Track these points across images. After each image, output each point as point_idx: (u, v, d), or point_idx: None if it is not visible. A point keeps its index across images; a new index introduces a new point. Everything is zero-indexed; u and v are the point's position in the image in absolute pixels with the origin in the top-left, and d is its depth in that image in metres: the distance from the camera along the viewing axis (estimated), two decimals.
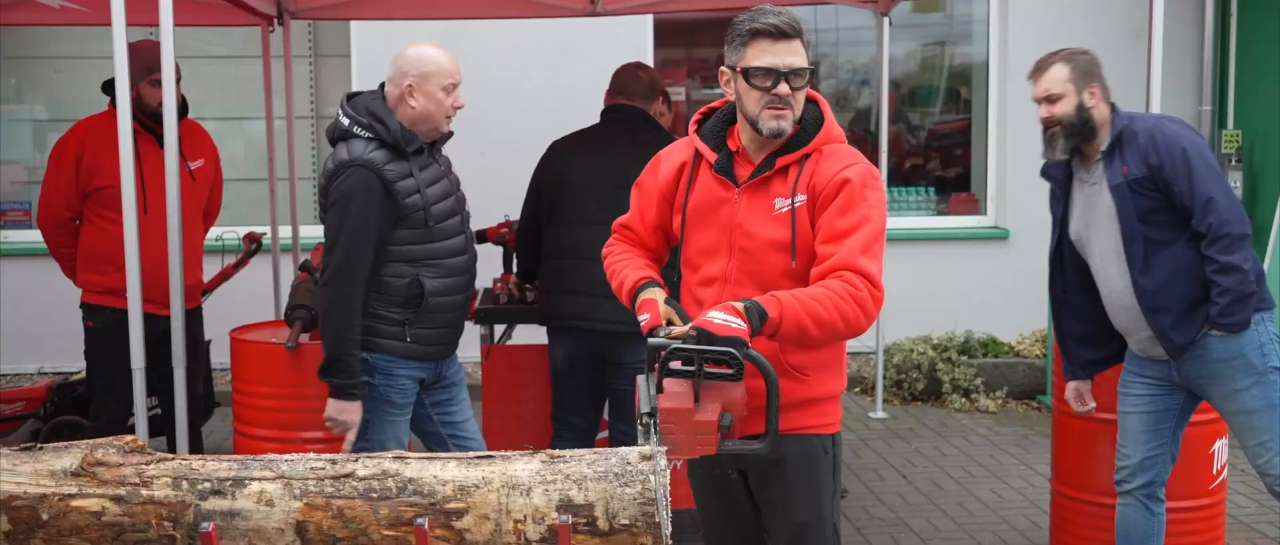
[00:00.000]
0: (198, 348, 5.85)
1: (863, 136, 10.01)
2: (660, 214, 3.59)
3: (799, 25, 3.30)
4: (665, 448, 2.82)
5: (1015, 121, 9.57)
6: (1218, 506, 5.08)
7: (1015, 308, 9.11)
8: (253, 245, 6.45)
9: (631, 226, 3.66)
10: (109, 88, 5.33)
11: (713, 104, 3.60)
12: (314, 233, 8.63)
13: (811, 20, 10.02)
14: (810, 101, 3.44)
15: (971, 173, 10.07)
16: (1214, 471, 5.02)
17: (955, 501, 6.32)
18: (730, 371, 2.93)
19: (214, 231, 6.96)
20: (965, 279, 9.56)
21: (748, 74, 3.30)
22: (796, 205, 3.33)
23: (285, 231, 7.28)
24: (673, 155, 3.59)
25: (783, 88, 3.27)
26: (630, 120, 5.26)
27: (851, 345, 8.97)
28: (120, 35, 4.18)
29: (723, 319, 3.00)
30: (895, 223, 9.61)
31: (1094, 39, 9.33)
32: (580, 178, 5.06)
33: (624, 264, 3.58)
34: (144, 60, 5.15)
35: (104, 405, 5.50)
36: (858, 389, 8.77)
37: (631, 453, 2.73)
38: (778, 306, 3.09)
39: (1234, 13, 9.60)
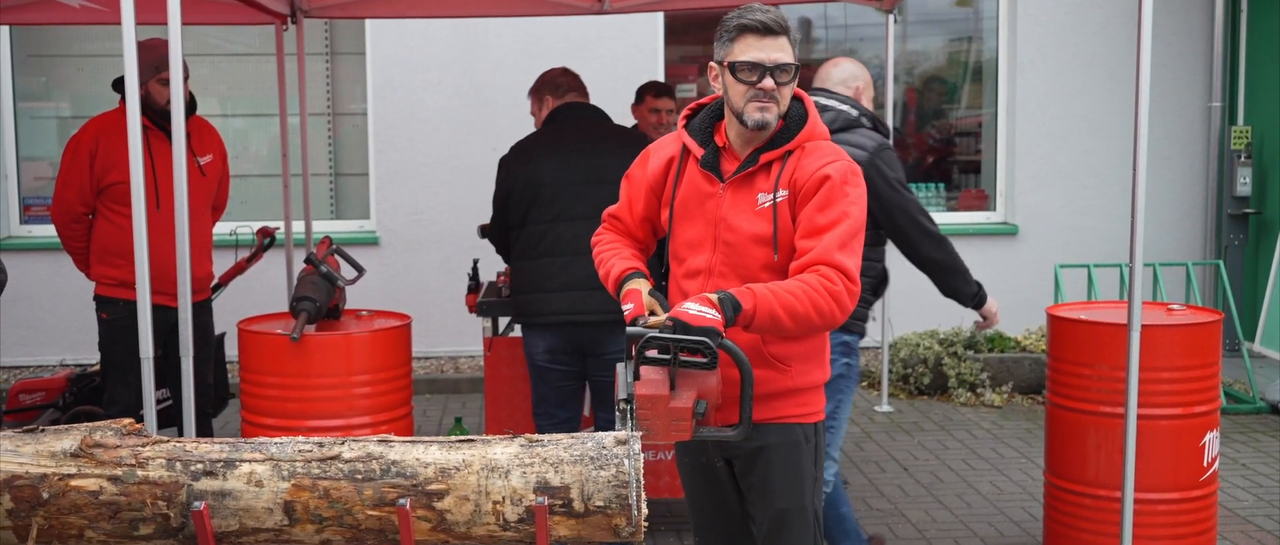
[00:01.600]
0: (207, 339, 5.98)
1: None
2: (648, 206, 3.69)
3: (786, 23, 3.39)
4: (641, 433, 2.93)
5: (1025, 118, 9.64)
6: (1209, 498, 5.14)
7: (1022, 303, 9.17)
8: (266, 240, 6.58)
9: (620, 217, 3.77)
10: (120, 85, 5.46)
11: (702, 99, 3.70)
12: (323, 227, 8.79)
13: (825, 17, 10.10)
14: (795, 99, 3.54)
15: (982, 168, 10.14)
16: (1204, 463, 5.09)
17: (954, 493, 6.39)
18: (704, 360, 3.05)
19: (228, 226, 7.11)
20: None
21: (734, 68, 3.40)
22: (778, 200, 3.43)
23: (298, 226, 7.40)
24: (662, 149, 3.68)
25: (767, 82, 3.36)
26: (592, 116, 5.36)
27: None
28: (130, 33, 4.29)
29: (697, 310, 3.11)
30: None
31: (1103, 35, 9.44)
32: (555, 177, 5.12)
33: (611, 253, 3.68)
34: (153, 58, 5.27)
35: (117, 395, 5.63)
36: (865, 383, 8.85)
37: (607, 437, 2.84)
38: (752, 298, 3.20)
39: (1244, 9, 9.64)
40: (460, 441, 2.86)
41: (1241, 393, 8.24)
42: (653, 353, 3.06)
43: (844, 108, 4.82)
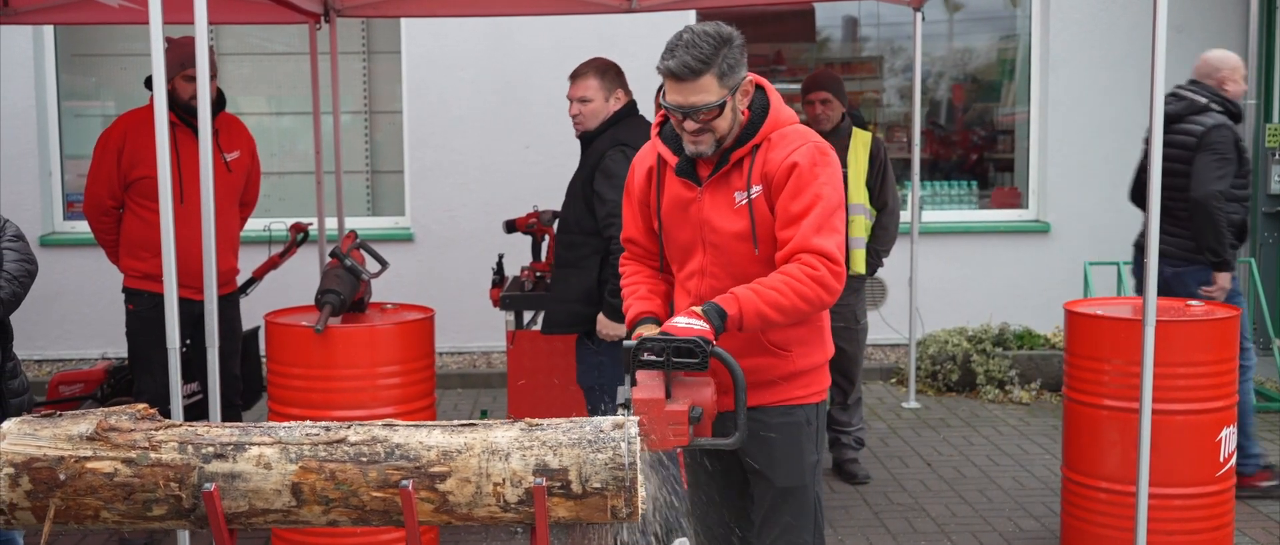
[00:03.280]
0: (235, 332, 6.09)
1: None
2: (645, 219, 3.79)
3: (704, 62, 3.37)
4: (635, 418, 2.99)
5: (1057, 116, 9.63)
6: (1225, 493, 5.16)
7: (1054, 301, 9.12)
8: (299, 235, 6.70)
9: (633, 238, 3.85)
10: (151, 83, 5.59)
11: None
12: (360, 224, 8.90)
13: (871, 15, 10.15)
14: (758, 89, 3.59)
15: (1015, 166, 10.14)
16: (1221, 459, 5.10)
17: (976, 489, 6.42)
18: (695, 361, 3.14)
19: (262, 222, 7.23)
20: (1006, 271, 9.64)
21: (665, 105, 3.49)
22: (753, 197, 3.52)
23: (332, 223, 7.51)
24: (643, 160, 3.78)
25: (689, 124, 3.47)
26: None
27: (888, 337, 9.08)
28: (157, 31, 4.41)
29: (686, 324, 3.23)
30: (937, 216, 9.71)
31: (1136, 32, 9.42)
32: None
33: (630, 292, 3.79)
34: (179, 55, 5.40)
35: (144, 386, 5.76)
36: (894, 380, 8.88)
37: (605, 421, 2.92)
38: (736, 303, 3.31)
39: (1279, 6, 9.57)
40: (462, 425, 2.94)
41: (1273, 391, 8.20)
42: (647, 356, 3.16)
43: (1193, 96, 6.17)
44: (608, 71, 5.26)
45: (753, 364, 3.50)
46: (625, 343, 3.21)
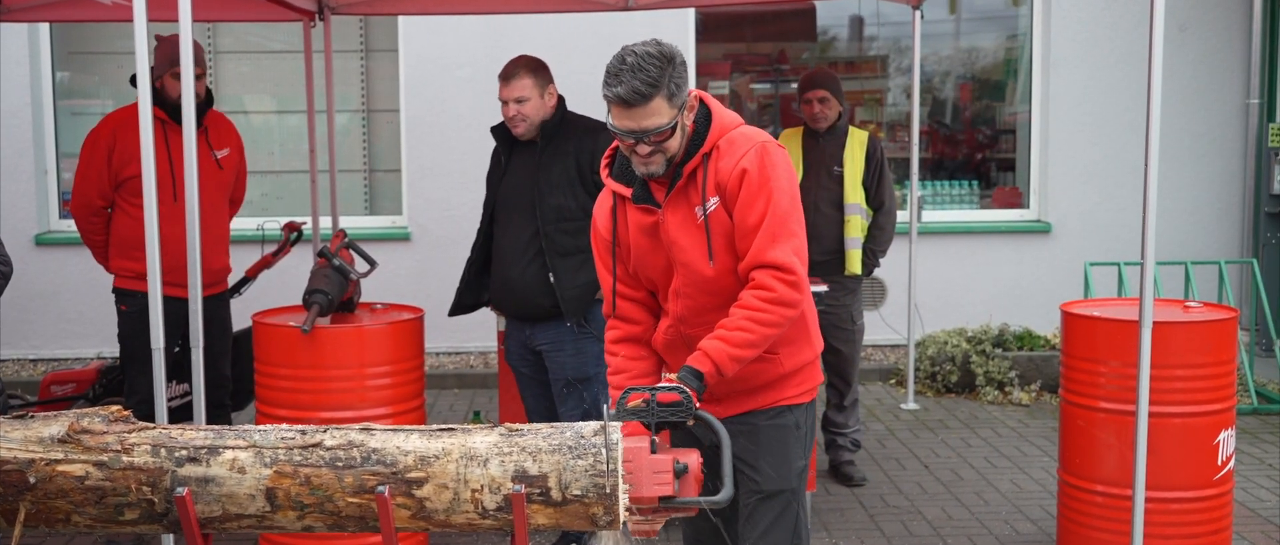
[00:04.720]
0: (225, 331, 6.05)
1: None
2: (621, 260, 3.74)
3: (653, 85, 3.35)
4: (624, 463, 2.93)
5: (1058, 115, 9.57)
6: (1224, 497, 5.10)
7: (1054, 301, 9.05)
8: (293, 234, 6.65)
9: (616, 290, 3.77)
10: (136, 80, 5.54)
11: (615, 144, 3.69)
12: (357, 222, 8.85)
13: (877, 14, 10.10)
14: (700, 102, 3.56)
15: (1016, 166, 10.08)
16: (1219, 462, 5.04)
17: (973, 491, 6.36)
18: (680, 407, 3.17)
19: (256, 221, 7.18)
20: (1007, 272, 9.58)
21: (613, 130, 3.45)
22: (710, 210, 3.49)
23: (326, 222, 7.46)
24: (601, 205, 3.74)
25: (641, 147, 3.43)
26: None
27: (887, 337, 9.01)
28: (141, 30, 4.36)
29: (668, 390, 3.22)
30: (938, 215, 9.65)
31: (1137, 32, 9.36)
32: None
33: (613, 384, 3.73)
34: (169, 52, 5.35)
35: (137, 386, 5.71)
36: (893, 381, 8.82)
37: (585, 427, 2.87)
38: (707, 360, 3.34)
39: None
40: (440, 430, 2.89)
41: (1274, 393, 8.14)
42: (633, 402, 3.13)
43: None
44: (539, 69, 5.28)
45: (743, 371, 3.47)
46: (610, 413, 3.18)
